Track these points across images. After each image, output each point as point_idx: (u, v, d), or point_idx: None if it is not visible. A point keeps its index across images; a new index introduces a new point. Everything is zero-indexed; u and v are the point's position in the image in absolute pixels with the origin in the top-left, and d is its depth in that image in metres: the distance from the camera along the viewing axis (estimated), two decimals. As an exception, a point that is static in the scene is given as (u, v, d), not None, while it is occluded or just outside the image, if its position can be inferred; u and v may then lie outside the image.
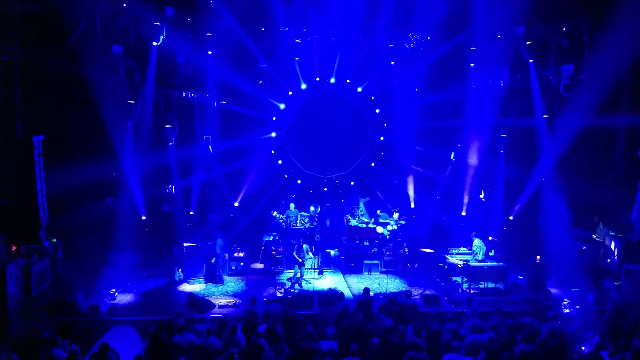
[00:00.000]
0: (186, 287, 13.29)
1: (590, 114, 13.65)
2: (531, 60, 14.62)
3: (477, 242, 13.67)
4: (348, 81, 16.41)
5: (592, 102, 13.52)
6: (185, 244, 13.84)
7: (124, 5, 13.38)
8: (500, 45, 14.60)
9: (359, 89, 16.52)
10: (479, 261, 13.40)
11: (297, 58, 15.68)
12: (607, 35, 13.04)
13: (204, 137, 15.19)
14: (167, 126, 14.57)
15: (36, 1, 12.86)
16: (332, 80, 16.27)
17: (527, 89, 14.86)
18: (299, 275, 13.48)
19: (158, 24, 13.68)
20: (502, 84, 15.21)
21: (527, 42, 14.49)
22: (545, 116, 14.73)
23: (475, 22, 14.48)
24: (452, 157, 16.38)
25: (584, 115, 13.73)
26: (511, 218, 15.45)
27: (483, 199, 16.30)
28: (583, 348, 9.70)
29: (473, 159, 15.67)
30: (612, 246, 14.20)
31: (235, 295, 12.85)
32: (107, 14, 13.37)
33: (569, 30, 14.32)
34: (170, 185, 15.03)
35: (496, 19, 14.15)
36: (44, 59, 12.75)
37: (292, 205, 15.56)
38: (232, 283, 13.73)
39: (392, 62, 16.05)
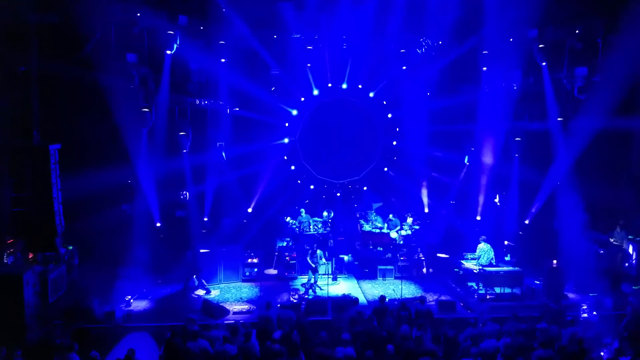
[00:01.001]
0: (201, 293, 13.32)
1: (605, 116, 13.48)
2: (544, 63, 14.52)
3: (481, 246, 13.47)
4: (360, 86, 16.47)
5: (607, 104, 13.35)
6: (200, 250, 13.88)
7: (138, 14, 13.53)
8: (512, 48, 14.53)
9: (371, 94, 16.57)
10: (483, 266, 13.20)
11: (309, 64, 15.80)
12: (622, 37, 12.91)
13: (217, 143, 15.29)
14: (181, 133, 14.69)
15: (52, 11, 13.03)
16: (344, 86, 16.35)
17: (541, 92, 14.73)
18: (312, 281, 13.46)
19: (172, 32, 13.84)
20: (515, 87, 15.11)
21: (540, 45, 14.39)
22: (559, 119, 14.60)
23: (487, 25, 14.38)
24: (465, 161, 16.27)
25: (599, 117, 13.56)
26: (527, 222, 15.25)
27: (498, 203, 16.16)
28: (602, 354, 9.58)
29: (487, 162, 15.55)
30: (630, 250, 13.96)
31: (249, 301, 12.86)
32: (121, 23, 13.52)
33: (582, 33, 14.21)
34: (184, 192, 15.13)
35: (508, 22, 14.06)
36: (61, 68, 12.90)
37: (302, 211, 15.57)
38: (246, 289, 13.74)
39: (404, 67, 16.09)
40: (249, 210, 15.72)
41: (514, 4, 13.76)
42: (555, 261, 13.24)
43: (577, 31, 14.20)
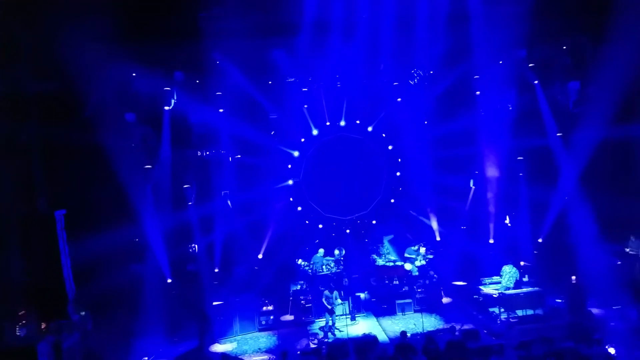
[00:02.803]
0: (218, 348, 13.00)
1: (604, 126, 13.60)
2: (536, 82, 14.74)
3: (505, 268, 13.36)
4: (358, 122, 16.63)
5: (604, 114, 13.50)
6: (213, 303, 13.64)
7: (134, 74, 13.77)
8: (504, 69, 14.78)
9: (370, 128, 16.71)
10: (506, 287, 13.07)
11: (305, 106, 16.02)
12: (609, 47, 13.13)
13: (222, 192, 15.28)
14: (185, 186, 14.71)
15: (50, 79, 13.25)
16: (342, 123, 16.51)
17: (537, 110, 14.90)
18: (330, 323, 13.16)
19: (168, 88, 14.08)
20: (510, 108, 15.26)
21: (530, 64, 14.64)
22: (558, 134, 14.69)
23: (477, 50, 14.62)
24: (471, 184, 16.23)
25: (598, 128, 13.68)
26: (540, 240, 15.12)
27: (509, 224, 16.02)
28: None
29: (493, 180, 15.52)
30: (648, 258, 13.79)
31: (268, 351, 12.53)
32: (118, 84, 13.75)
33: (570, 48, 14.50)
34: (193, 245, 15.01)
35: (497, 45, 14.32)
36: (61, 134, 13.01)
37: (321, 250, 15.30)
38: (263, 339, 13.41)
39: (399, 99, 16.28)
40: (259, 256, 15.52)
41: (499, 27, 14.01)
42: (574, 277, 13.04)
43: (564, 47, 14.46)
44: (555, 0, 13.46)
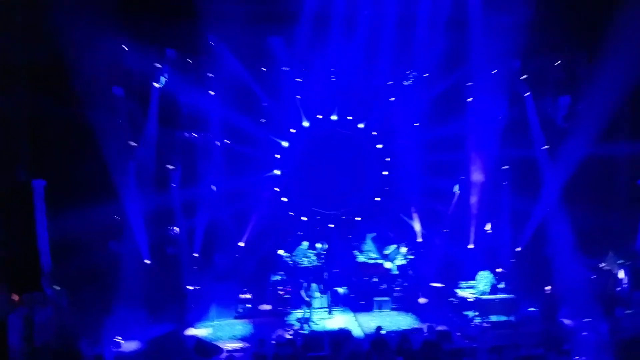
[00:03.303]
0: (193, 332, 12.92)
1: (591, 143, 13.80)
2: (528, 94, 14.89)
3: (481, 274, 13.58)
4: (349, 118, 16.61)
5: (592, 131, 13.70)
6: (190, 287, 13.54)
7: (125, 47, 13.49)
8: (497, 78, 14.89)
9: (361, 125, 16.70)
10: (483, 293, 13.32)
11: (298, 96, 15.91)
12: (603, 65, 13.31)
13: (208, 176, 15.10)
14: (170, 167, 14.51)
15: (38, 49, 12.89)
16: (334, 117, 16.47)
17: (527, 121, 15.06)
18: (307, 315, 13.21)
19: (159, 65, 13.82)
20: (500, 117, 15.41)
21: (523, 76, 14.79)
22: (545, 147, 14.89)
23: (472, 57, 14.73)
24: (456, 189, 16.35)
25: (584, 144, 13.88)
26: (519, 249, 15.35)
27: (489, 231, 16.23)
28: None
29: (477, 188, 15.68)
30: (622, 274, 14.08)
31: (243, 339, 12.50)
32: (108, 56, 13.44)
33: (564, 62, 14.67)
34: (174, 227, 14.83)
35: (493, 53, 14.43)
36: (47, 105, 12.70)
37: (305, 243, 15.22)
38: (239, 326, 13.39)
39: (392, 99, 16.30)
40: (241, 244, 15.43)
41: (497, 36, 14.12)
42: (548, 287, 13.30)
43: (559, 61, 14.63)
44: (554, 15, 13.60)
